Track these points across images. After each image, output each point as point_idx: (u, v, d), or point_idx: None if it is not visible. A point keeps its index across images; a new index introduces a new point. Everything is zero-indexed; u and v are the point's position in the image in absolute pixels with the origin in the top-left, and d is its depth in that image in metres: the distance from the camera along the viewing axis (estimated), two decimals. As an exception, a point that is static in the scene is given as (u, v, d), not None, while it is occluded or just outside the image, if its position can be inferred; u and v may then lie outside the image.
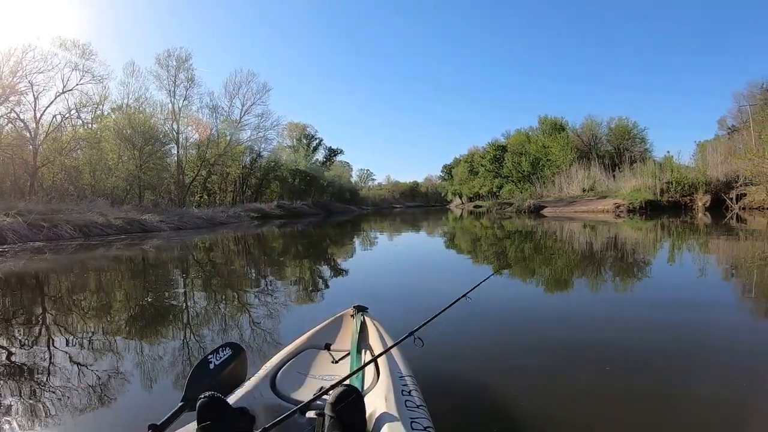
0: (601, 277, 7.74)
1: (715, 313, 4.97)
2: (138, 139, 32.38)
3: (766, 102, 35.27)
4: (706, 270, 8.21)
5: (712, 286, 6.76)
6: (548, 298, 6.38)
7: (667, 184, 30.82)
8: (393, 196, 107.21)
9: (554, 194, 40.10)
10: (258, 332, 4.71)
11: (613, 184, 35.89)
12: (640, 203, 28.99)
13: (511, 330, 4.62)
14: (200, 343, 4.39)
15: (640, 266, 8.88)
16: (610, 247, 12.05)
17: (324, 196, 63.71)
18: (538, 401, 2.86)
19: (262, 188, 52.29)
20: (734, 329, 4.36)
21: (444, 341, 3.64)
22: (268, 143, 50.14)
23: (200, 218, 28.58)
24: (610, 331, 4.39)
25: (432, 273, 9.00)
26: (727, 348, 3.79)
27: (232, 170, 45.75)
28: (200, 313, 5.89)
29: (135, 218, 23.18)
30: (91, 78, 31.62)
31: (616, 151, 46.30)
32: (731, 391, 2.90)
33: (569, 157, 43.98)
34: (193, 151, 42.32)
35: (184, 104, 39.62)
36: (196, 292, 7.48)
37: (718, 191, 28.53)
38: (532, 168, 49.30)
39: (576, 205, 34.03)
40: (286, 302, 6.24)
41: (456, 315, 3.01)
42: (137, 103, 37.30)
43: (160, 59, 38.17)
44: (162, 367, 3.77)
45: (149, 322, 5.38)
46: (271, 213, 41.65)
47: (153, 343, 4.48)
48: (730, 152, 31.83)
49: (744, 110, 39.82)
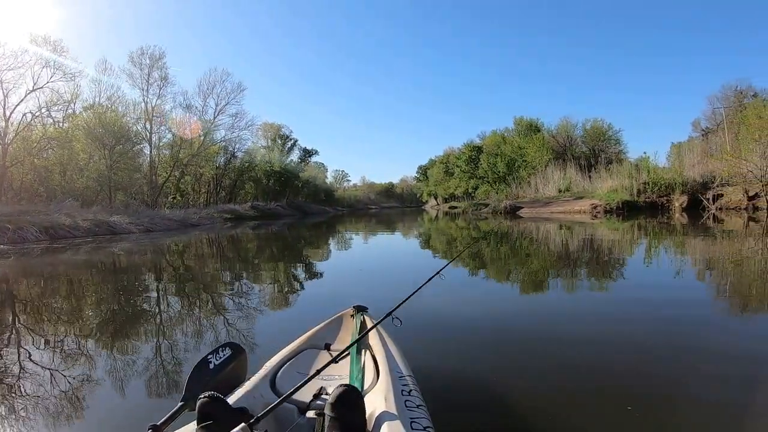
0: (577, 276, 7.79)
1: (692, 311, 5.08)
2: (109, 138, 31.54)
3: (739, 104, 35.97)
4: (683, 270, 8.28)
5: (688, 286, 6.86)
6: (531, 298, 6.41)
7: (644, 184, 31.18)
8: (368, 197, 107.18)
9: (530, 195, 40.28)
10: (238, 333, 4.62)
11: (589, 184, 36.21)
12: (617, 204, 29.19)
13: (503, 332, 4.61)
14: (172, 346, 4.37)
15: (618, 265, 9.03)
16: (587, 248, 12.06)
17: (299, 197, 63.37)
18: (538, 401, 2.88)
19: (237, 189, 51.57)
20: (709, 327, 4.51)
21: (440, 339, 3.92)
22: (242, 143, 49.30)
23: (171, 220, 27.82)
24: (590, 329, 4.50)
25: (408, 274, 8.83)
26: (702, 345, 3.91)
27: (205, 171, 45.05)
28: (174, 317, 5.75)
29: (103, 220, 22.43)
30: (63, 75, 30.76)
31: (591, 152, 46.78)
32: (713, 387, 3.01)
33: (545, 158, 44.28)
34: (166, 151, 41.45)
35: (158, 103, 38.84)
36: (169, 296, 7.28)
37: (695, 192, 28.95)
38: (507, 169, 49.58)
39: (552, 206, 34.11)
40: (259, 306, 6.17)
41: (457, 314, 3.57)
42: (109, 102, 36.39)
43: (134, 57, 37.21)
44: (161, 367, 3.77)
45: (149, 323, 5.38)
46: (245, 214, 41.09)
47: (152, 344, 4.47)
48: (705, 153, 32.31)
49: (718, 112, 40.72)
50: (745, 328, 4.54)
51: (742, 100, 37.86)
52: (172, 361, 3.89)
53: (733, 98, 39.05)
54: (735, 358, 3.49)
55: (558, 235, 16.75)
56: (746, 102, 36.29)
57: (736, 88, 39.55)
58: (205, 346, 4.27)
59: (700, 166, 30.78)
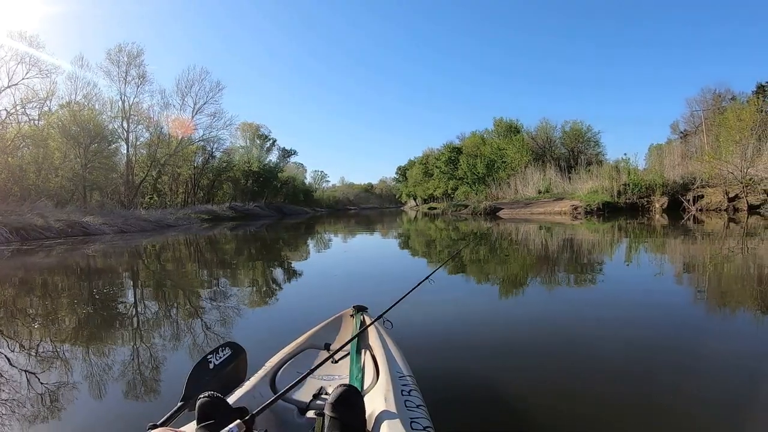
0: (557, 277, 7.82)
1: (671, 311, 5.16)
2: (84, 137, 30.83)
3: (718, 107, 36.51)
4: (664, 270, 8.40)
5: (668, 285, 6.92)
6: (532, 298, 6.38)
7: (624, 186, 31.43)
8: (347, 198, 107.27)
9: (510, 196, 40.28)
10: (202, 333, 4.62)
11: (569, 185, 36.38)
12: (598, 205, 29.37)
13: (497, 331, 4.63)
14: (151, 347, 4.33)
15: (606, 266, 9.12)
16: (572, 249, 12.04)
17: (278, 198, 63.00)
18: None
19: (214, 189, 51.01)
20: (688, 325, 4.60)
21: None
22: (220, 143, 49.02)
23: (147, 221, 27.19)
24: (589, 329, 4.54)
25: (387, 278, 8.37)
26: (681, 343, 3.97)
27: (183, 171, 44.50)
28: (157, 322, 5.54)
29: (76, 221, 21.84)
30: (38, 72, 30.18)
31: (570, 153, 47.02)
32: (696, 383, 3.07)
33: (524, 159, 44.45)
34: (143, 150, 40.83)
35: (135, 101, 38.22)
36: (147, 300, 6.99)
37: (675, 193, 29.33)
38: (487, 170, 49.60)
39: (533, 207, 34.21)
40: (238, 306, 6.13)
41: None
42: (86, 100, 35.49)
43: (111, 54, 36.65)
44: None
45: (146, 324, 5.35)
46: (222, 215, 40.63)
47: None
48: (684, 156, 32.68)
49: (697, 115, 41.35)
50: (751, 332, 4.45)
51: (720, 103, 38.54)
52: (171, 361, 3.87)
53: (712, 101, 39.70)
54: (735, 361, 3.48)
55: (538, 236, 16.71)
56: (725, 105, 36.92)
57: (715, 91, 40.32)
58: (192, 346, 4.27)
59: (681, 167, 31.20)
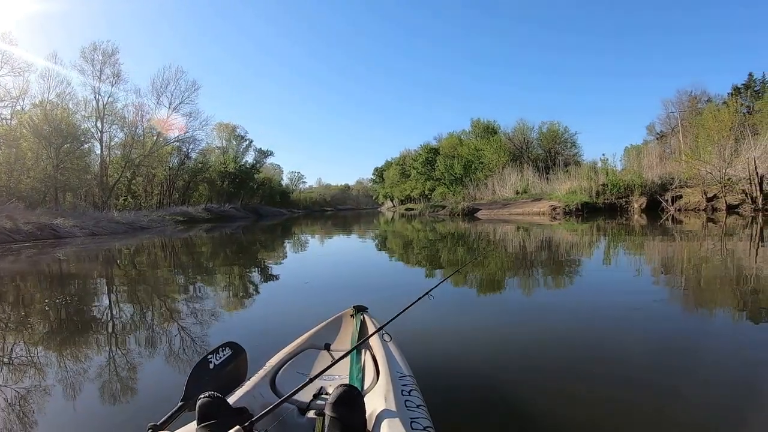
0: (535, 278, 7.79)
1: (647, 311, 5.14)
2: (56, 136, 29.97)
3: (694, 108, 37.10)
4: (642, 269, 8.56)
5: (646, 284, 7.00)
6: (531, 297, 6.33)
7: (603, 186, 31.71)
8: (324, 199, 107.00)
9: (488, 197, 40.35)
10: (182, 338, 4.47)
11: (548, 186, 36.59)
12: (576, 205, 29.56)
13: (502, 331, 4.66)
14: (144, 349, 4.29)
15: (577, 265, 9.16)
16: (549, 249, 12.09)
17: (254, 199, 62.27)
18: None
19: (190, 191, 50.04)
20: (664, 324, 4.60)
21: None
22: (196, 144, 48.08)
23: (119, 223, 26.30)
24: (589, 328, 4.57)
25: (362, 288, 7.75)
26: (653, 340, 4.07)
27: (158, 172, 43.61)
28: (132, 322, 5.15)
29: (47, 223, 21.04)
30: (11, 70, 29.52)
31: (548, 154, 47.33)
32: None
33: (502, 160, 44.66)
34: (117, 151, 39.86)
35: (109, 101, 37.30)
36: (118, 305, 6.57)
37: (654, 193, 29.68)
38: (464, 171, 49.70)
39: (511, 207, 34.30)
40: (214, 308, 6.06)
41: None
42: (59, 99, 34.45)
43: (86, 52, 35.72)
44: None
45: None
46: (198, 217, 39.85)
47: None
48: (660, 157, 33.10)
49: (673, 116, 41.98)
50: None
51: (696, 105, 39.21)
52: (171, 361, 3.88)
53: (688, 103, 40.36)
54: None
55: (516, 236, 16.66)
56: (700, 107, 37.60)
57: (691, 93, 40.99)
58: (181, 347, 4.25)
59: (659, 168, 31.60)
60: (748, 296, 5.77)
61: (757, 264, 8.39)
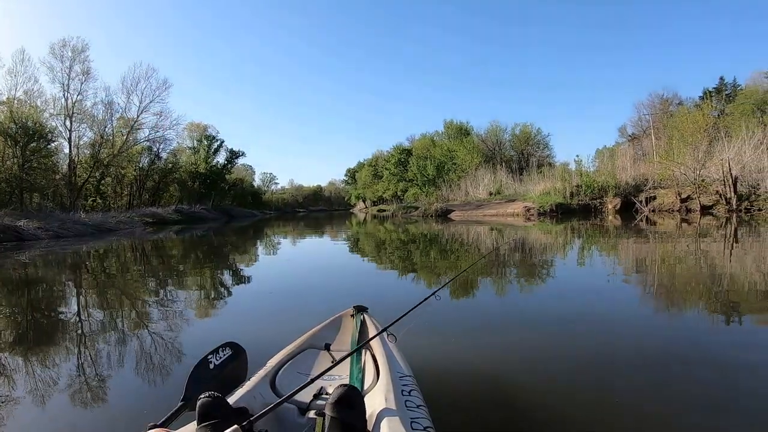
0: (535, 278, 7.75)
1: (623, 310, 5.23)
2: (21, 135, 28.83)
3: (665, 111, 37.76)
4: (616, 269, 8.55)
5: (620, 284, 6.96)
6: (531, 297, 6.39)
7: (577, 187, 31.69)
8: (296, 200, 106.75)
9: (460, 198, 40.27)
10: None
11: (521, 187, 36.52)
12: (551, 206, 29.34)
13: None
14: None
15: (552, 266, 9.16)
16: (522, 249, 11.95)
17: (225, 200, 61.24)
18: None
19: (160, 192, 48.83)
20: (641, 324, 4.61)
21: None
22: (167, 144, 46.79)
23: (86, 224, 25.05)
24: (588, 328, 4.53)
25: (329, 296, 6.77)
26: (631, 339, 4.08)
27: (128, 172, 42.41)
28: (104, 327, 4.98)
29: (9, 225, 19.92)
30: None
31: (521, 155, 47.68)
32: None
33: (475, 161, 44.70)
34: (86, 150, 38.47)
35: (78, 99, 35.95)
36: (90, 307, 6.07)
37: (628, 194, 29.69)
38: (437, 172, 49.70)
39: (485, 209, 34.04)
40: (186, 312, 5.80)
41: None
42: (26, 97, 33.09)
43: (55, 49, 34.40)
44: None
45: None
46: (168, 218, 38.67)
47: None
48: (635, 158, 33.53)
49: (645, 119, 42.73)
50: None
51: (668, 107, 39.90)
52: (170, 362, 3.83)
53: (660, 105, 41.08)
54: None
55: (489, 237, 16.51)
56: (672, 109, 38.28)
57: (663, 96, 41.74)
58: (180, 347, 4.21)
59: (632, 169, 31.79)
60: (747, 297, 5.67)
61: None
